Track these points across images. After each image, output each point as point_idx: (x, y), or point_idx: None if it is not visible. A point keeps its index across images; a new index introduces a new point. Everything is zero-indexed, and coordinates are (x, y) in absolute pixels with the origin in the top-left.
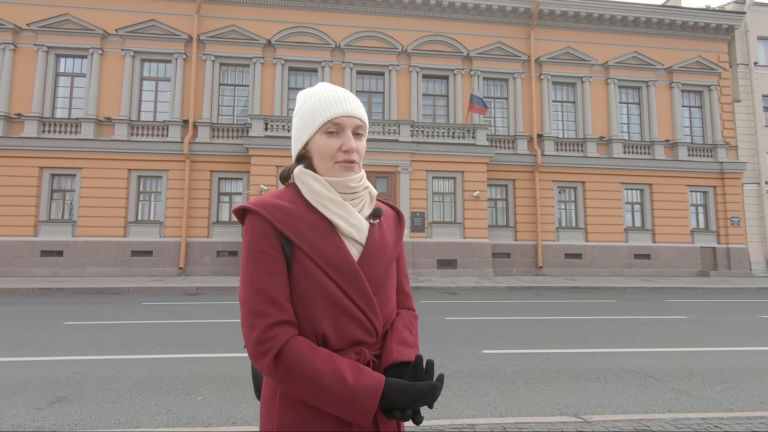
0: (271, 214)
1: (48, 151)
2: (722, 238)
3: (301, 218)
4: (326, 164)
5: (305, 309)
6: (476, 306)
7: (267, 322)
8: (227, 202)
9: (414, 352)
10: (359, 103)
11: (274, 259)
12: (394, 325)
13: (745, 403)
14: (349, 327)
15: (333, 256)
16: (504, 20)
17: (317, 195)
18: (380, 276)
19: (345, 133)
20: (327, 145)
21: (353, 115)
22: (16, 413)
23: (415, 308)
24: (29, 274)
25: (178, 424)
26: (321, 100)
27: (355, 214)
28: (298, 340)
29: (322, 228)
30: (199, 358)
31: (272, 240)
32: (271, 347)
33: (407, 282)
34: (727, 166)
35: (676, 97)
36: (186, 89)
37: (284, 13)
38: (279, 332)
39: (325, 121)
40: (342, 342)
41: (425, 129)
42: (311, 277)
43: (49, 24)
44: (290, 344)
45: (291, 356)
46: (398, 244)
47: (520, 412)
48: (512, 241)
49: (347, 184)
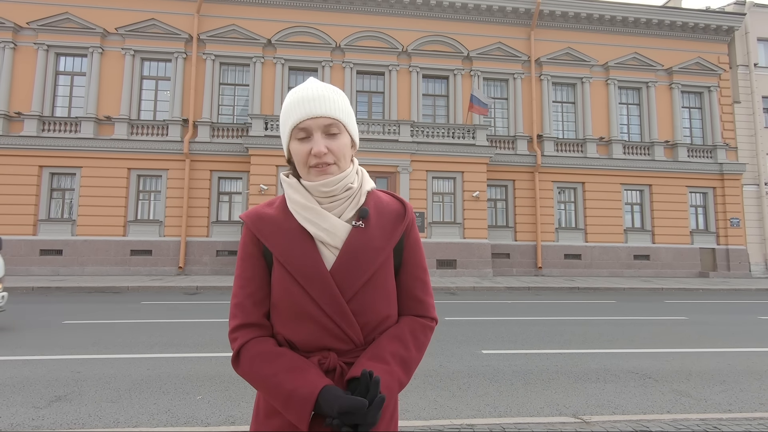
0: (253, 223)
1: (48, 150)
2: (722, 239)
3: (279, 226)
4: (303, 170)
5: (276, 313)
6: (476, 306)
7: (234, 323)
8: (227, 202)
9: (380, 368)
10: (329, 100)
11: (252, 264)
12: (381, 336)
13: (744, 404)
14: (315, 333)
15: (301, 263)
16: (504, 21)
17: (290, 200)
18: (357, 282)
19: (313, 136)
20: (298, 151)
21: (318, 116)
22: (15, 412)
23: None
24: (28, 273)
25: (177, 423)
26: (287, 105)
27: (328, 218)
28: (254, 342)
29: (296, 234)
30: (198, 357)
31: (250, 247)
32: (234, 347)
33: (421, 286)
34: (726, 167)
35: (676, 98)
36: (186, 88)
37: (284, 12)
38: (239, 335)
39: (291, 128)
40: (309, 347)
41: (425, 129)
42: (282, 283)
43: (49, 23)
44: (246, 347)
45: (244, 358)
46: (389, 245)
47: (520, 412)
48: (512, 241)
49: (320, 189)
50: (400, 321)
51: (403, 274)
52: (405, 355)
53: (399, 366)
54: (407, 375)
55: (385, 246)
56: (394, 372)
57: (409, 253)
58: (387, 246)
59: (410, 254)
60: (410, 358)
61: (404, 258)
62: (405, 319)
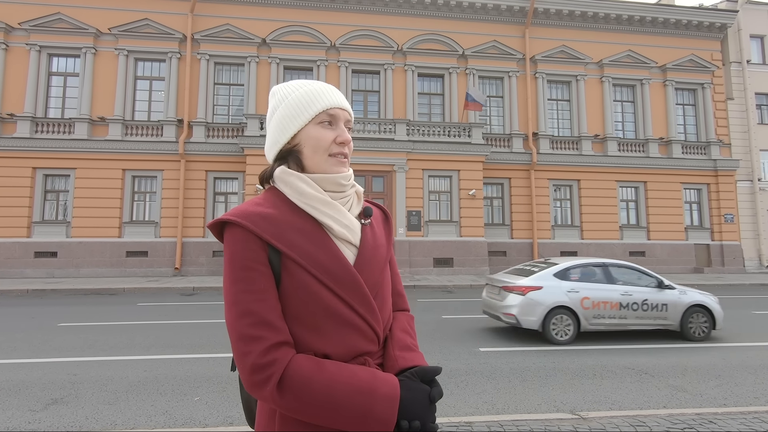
0: (255, 223)
1: (41, 152)
2: (716, 235)
3: (287, 224)
4: (319, 157)
5: (301, 325)
6: (473, 304)
7: (261, 347)
8: (223, 202)
9: (417, 355)
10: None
11: (262, 274)
12: (392, 330)
13: (738, 398)
14: (351, 338)
15: (327, 263)
16: (499, 19)
17: (304, 196)
18: (377, 279)
19: (339, 125)
20: (322, 136)
21: (346, 109)
22: (11, 415)
23: (410, 308)
24: (23, 276)
25: (175, 424)
26: (312, 90)
27: (346, 214)
28: (300, 359)
29: (313, 233)
30: (195, 358)
31: (257, 253)
32: (271, 374)
33: (399, 281)
34: (720, 163)
35: (670, 95)
36: (180, 88)
37: (279, 11)
38: (278, 356)
39: (320, 110)
40: (345, 356)
41: (421, 128)
42: (305, 288)
43: (41, 23)
44: (292, 366)
45: (296, 379)
46: (390, 243)
47: (517, 409)
48: (508, 239)
49: (339, 181)
50: (398, 316)
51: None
52: (416, 345)
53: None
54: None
55: (388, 243)
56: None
57: (391, 252)
58: (389, 243)
59: (392, 253)
60: (418, 348)
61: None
62: (399, 314)
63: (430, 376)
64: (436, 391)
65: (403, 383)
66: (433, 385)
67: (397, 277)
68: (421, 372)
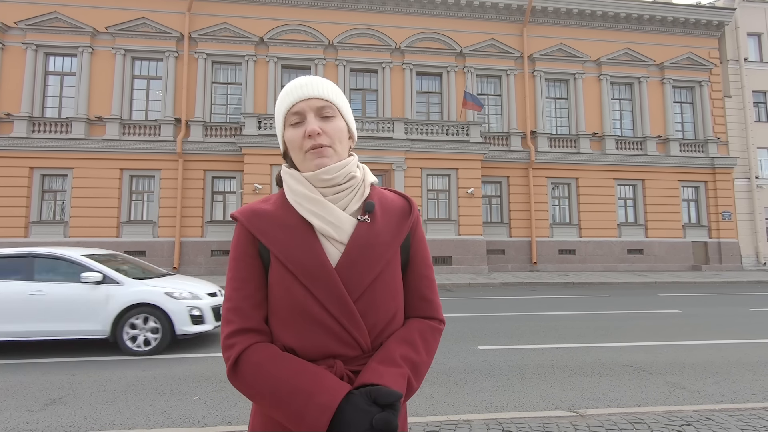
0: (248, 219)
1: (38, 151)
2: (714, 233)
3: (277, 221)
4: (299, 156)
5: (275, 317)
6: (471, 302)
7: (228, 330)
8: (221, 201)
9: (391, 372)
10: (322, 85)
11: (247, 264)
12: (389, 338)
13: (736, 395)
14: (319, 338)
15: (305, 260)
16: (497, 17)
17: (293, 193)
18: (364, 280)
19: (307, 118)
20: (293, 137)
21: (311, 97)
22: (9, 416)
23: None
24: None
25: (174, 424)
26: (282, 94)
27: (333, 210)
28: (260, 347)
29: (298, 230)
30: (194, 357)
31: (246, 246)
32: (229, 356)
33: (428, 285)
34: (718, 161)
35: (668, 93)
36: (178, 88)
37: (277, 10)
38: (237, 340)
39: (284, 113)
40: (312, 354)
41: (419, 126)
42: (281, 282)
43: (37, 22)
44: (248, 353)
45: (247, 366)
46: (396, 241)
47: (516, 407)
48: (507, 237)
49: (321, 177)
50: (409, 323)
51: (410, 273)
52: (416, 359)
53: (410, 370)
54: (418, 380)
55: (392, 242)
56: (406, 375)
57: (416, 250)
58: (394, 242)
59: (417, 251)
60: (421, 362)
61: (411, 255)
62: (413, 321)
63: (385, 400)
64: (382, 417)
65: (351, 398)
66: (388, 410)
67: (425, 280)
68: (375, 392)
